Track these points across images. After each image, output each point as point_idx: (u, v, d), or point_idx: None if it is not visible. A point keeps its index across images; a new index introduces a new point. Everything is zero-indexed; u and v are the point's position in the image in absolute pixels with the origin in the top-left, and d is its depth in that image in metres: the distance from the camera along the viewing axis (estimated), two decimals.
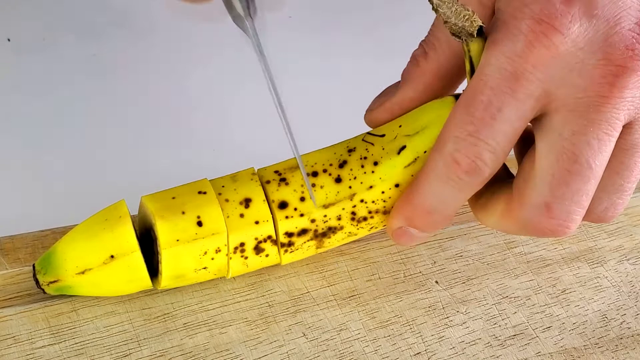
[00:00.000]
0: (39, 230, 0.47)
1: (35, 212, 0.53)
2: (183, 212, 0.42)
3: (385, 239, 0.50)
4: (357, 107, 0.46)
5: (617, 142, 0.40)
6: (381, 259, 0.49)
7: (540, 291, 0.49)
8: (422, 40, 0.44)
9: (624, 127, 0.39)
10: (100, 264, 0.42)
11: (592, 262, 0.51)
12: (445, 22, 0.39)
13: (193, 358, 0.43)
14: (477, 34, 0.40)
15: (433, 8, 0.39)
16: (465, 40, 0.40)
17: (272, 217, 0.43)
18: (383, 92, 0.45)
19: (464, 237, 0.51)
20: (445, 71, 0.43)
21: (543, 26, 0.38)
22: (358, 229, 0.45)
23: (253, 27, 0.40)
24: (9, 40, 0.63)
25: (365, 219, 0.44)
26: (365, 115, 0.46)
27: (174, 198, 0.43)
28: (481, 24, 0.39)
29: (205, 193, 0.43)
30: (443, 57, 0.43)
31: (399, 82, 0.45)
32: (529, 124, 0.40)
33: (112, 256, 0.42)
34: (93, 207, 0.44)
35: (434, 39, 0.44)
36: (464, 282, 0.49)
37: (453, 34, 0.40)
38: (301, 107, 0.63)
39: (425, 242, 0.50)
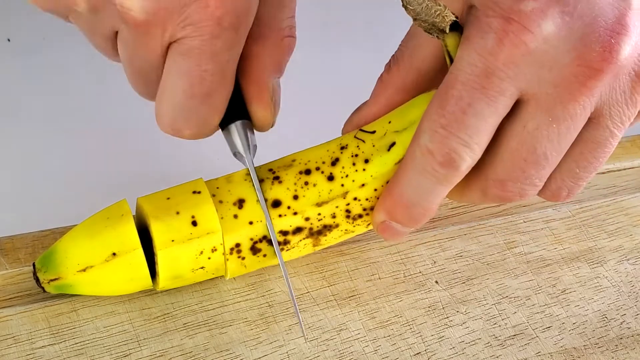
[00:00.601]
0: (39, 230, 0.47)
1: (35, 212, 0.53)
2: (177, 213, 0.42)
3: None
4: (357, 106, 0.46)
5: (582, 131, 0.40)
6: (381, 259, 0.49)
7: (540, 291, 0.49)
8: (393, 54, 0.45)
9: (590, 118, 0.40)
10: (102, 261, 0.42)
11: (592, 262, 0.51)
12: (415, 19, 0.39)
13: (193, 358, 0.43)
14: (451, 28, 0.39)
15: (403, 5, 0.39)
16: (437, 36, 0.40)
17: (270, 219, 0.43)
18: (357, 107, 0.46)
19: (464, 237, 0.51)
20: (407, 86, 0.44)
21: (513, 25, 0.37)
22: (354, 226, 0.45)
23: (251, 162, 0.43)
24: (9, 40, 0.63)
25: (360, 216, 0.44)
26: (342, 129, 0.46)
27: (168, 199, 0.43)
28: (454, 19, 0.39)
29: (199, 193, 0.43)
30: (404, 72, 0.44)
31: None
32: None
33: (114, 254, 0.42)
34: (93, 207, 0.44)
35: (399, 53, 0.44)
36: (464, 282, 0.49)
37: (425, 31, 0.40)
38: (301, 107, 0.63)
39: (425, 242, 0.50)
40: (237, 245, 0.43)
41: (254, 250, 0.44)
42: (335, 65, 0.65)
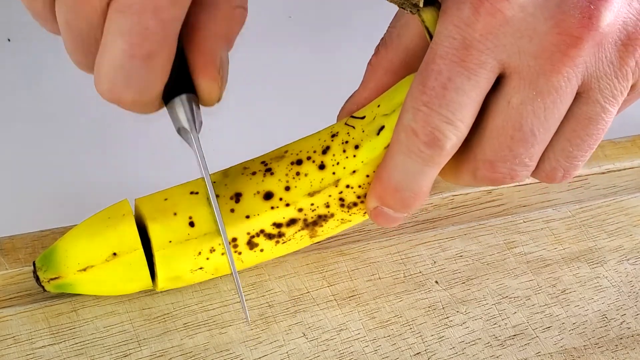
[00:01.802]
0: (39, 230, 0.47)
1: (35, 212, 0.53)
2: (175, 214, 0.42)
3: (385, 239, 0.50)
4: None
5: (572, 107, 0.39)
6: (381, 259, 0.49)
7: (540, 291, 0.49)
8: (381, 38, 0.44)
9: (579, 93, 0.39)
10: (103, 261, 0.42)
11: (592, 262, 0.51)
12: None
13: (193, 358, 0.43)
14: (427, 2, 0.39)
15: None
16: (410, 11, 0.39)
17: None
18: (350, 96, 0.45)
19: (464, 237, 0.51)
20: (395, 67, 0.43)
21: None
22: (350, 215, 0.44)
23: (197, 140, 0.40)
24: (9, 40, 0.63)
25: (355, 204, 0.43)
26: (336, 119, 0.46)
27: (166, 199, 0.43)
28: None
29: (197, 193, 0.43)
30: (393, 53, 0.43)
31: None
32: None
33: (114, 254, 0.42)
34: (93, 207, 0.44)
35: (387, 35, 0.44)
36: (464, 282, 0.49)
37: (399, 7, 0.39)
38: (300, 107, 0.63)
39: (425, 242, 0.50)
40: (234, 239, 0.43)
41: (251, 244, 0.43)
42: (339, 66, 0.65)
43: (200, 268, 0.43)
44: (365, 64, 0.45)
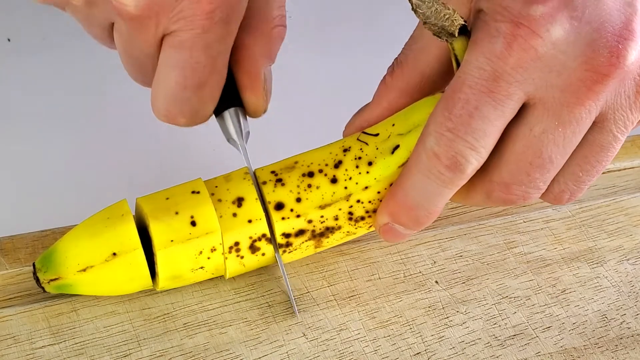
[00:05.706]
0: (39, 230, 0.47)
1: (35, 212, 0.53)
2: (176, 213, 0.42)
3: None
4: (357, 107, 0.46)
5: (586, 135, 0.40)
6: (381, 259, 0.49)
7: (540, 291, 0.49)
8: (396, 57, 0.45)
9: (594, 122, 0.40)
10: (102, 261, 0.42)
11: (592, 262, 0.51)
12: (425, 22, 0.39)
13: (193, 358, 0.43)
14: (459, 32, 0.40)
15: (412, 8, 0.39)
16: (445, 39, 0.40)
17: (268, 217, 0.43)
18: (359, 109, 0.46)
19: (464, 237, 0.51)
20: (410, 89, 0.44)
21: (522, 29, 0.38)
22: (356, 228, 0.45)
23: (244, 148, 0.44)
24: (9, 40, 0.63)
25: (362, 218, 0.44)
26: (343, 132, 0.47)
27: (167, 199, 0.43)
28: (463, 23, 0.40)
29: (198, 193, 0.43)
30: (408, 74, 0.44)
31: None
32: None
33: (114, 254, 0.42)
34: (93, 207, 0.44)
35: (403, 56, 0.45)
36: (464, 282, 0.49)
37: (434, 34, 0.40)
38: (301, 107, 0.63)
39: (425, 242, 0.50)
40: (236, 243, 0.43)
41: (253, 249, 0.44)
42: (339, 66, 0.65)
43: (201, 267, 0.43)
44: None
